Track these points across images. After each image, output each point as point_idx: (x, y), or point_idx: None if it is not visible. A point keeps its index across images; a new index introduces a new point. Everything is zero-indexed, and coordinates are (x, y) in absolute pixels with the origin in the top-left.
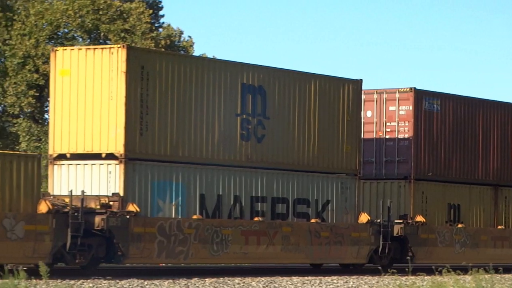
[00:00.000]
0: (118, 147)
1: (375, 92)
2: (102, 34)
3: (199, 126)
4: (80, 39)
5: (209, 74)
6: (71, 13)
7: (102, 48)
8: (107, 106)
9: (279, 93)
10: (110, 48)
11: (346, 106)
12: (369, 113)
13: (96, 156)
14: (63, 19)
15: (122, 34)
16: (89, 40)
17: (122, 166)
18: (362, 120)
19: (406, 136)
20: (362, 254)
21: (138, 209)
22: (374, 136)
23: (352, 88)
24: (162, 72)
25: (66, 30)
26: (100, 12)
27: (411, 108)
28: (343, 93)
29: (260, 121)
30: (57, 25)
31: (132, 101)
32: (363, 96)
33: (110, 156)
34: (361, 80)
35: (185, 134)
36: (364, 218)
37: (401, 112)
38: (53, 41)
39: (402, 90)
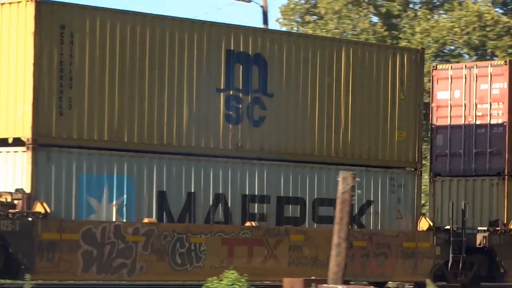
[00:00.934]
0: (25, 130)
1: (464, 67)
2: (489, 50)
3: (158, 104)
4: (467, 56)
5: (173, 36)
6: (457, 30)
7: (10, 3)
8: (14, 78)
9: (288, 64)
10: (19, 2)
11: (399, 82)
12: (457, 93)
13: (2, 142)
14: (449, 36)
15: (510, 50)
16: (475, 57)
17: (29, 154)
18: (449, 103)
19: (500, 121)
20: (422, 270)
21: (48, 210)
22: (463, 122)
23: (409, 59)
24: (96, 34)
25: (452, 47)
26: (487, 29)
27: (505, 85)
28: (393, 66)
29: (258, 99)
30: (443, 42)
31: (46, 70)
32: (449, 73)
33: (18, 142)
34: (423, 49)
35: (133, 114)
36: (424, 224)
37: (494, 91)
38: (439, 58)
39: (496, 63)
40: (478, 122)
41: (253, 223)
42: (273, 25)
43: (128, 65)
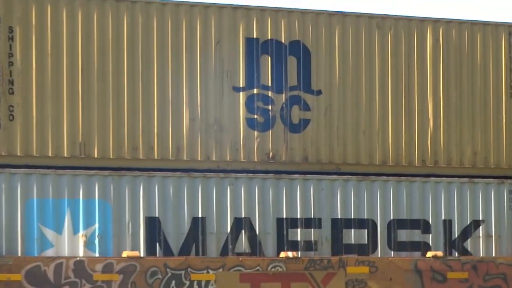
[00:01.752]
0: None
1: None
2: None
3: (143, 107)
4: None
5: (163, 22)
6: None
7: None
8: None
9: (344, 52)
10: None
11: None
12: None
13: None
14: None
15: None
16: None
17: None
18: None
19: None
20: None
21: None
22: None
23: None
24: (47, 26)
25: None
26: None
27: None
28: (510, 47)
29: (297, 98)
30: None
31: None
32: None
33: None
34: None
35: (107, 121)
36: None
37: None
38: None
39: None
40: None
41: (290, 253)
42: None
43: (97, 59)
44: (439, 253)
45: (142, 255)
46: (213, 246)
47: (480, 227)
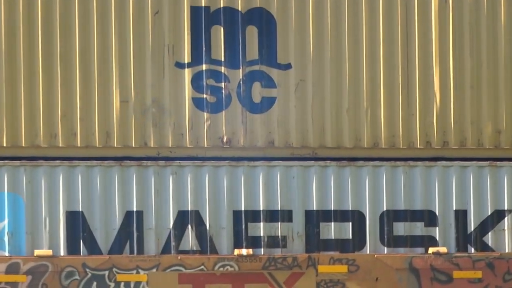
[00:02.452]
0: None
1: None
2: None
3: (66, 89)
4: None
5: None
6: None
7: None
8: None
9: (320, 17)
10: None
11: None
12: None
13: None
14: None
15: None
16: None
17: None
18: None
19: None
20: None
21: None
22: None
23: None
24: None
25: None
26: None
27: None
28: None
29: (259, 73)
30: None
31: None
32: None
33: None
34: None
35: (17, 106)
36: None
37: None
38: None
39: None
40: None
41: (244, 251)
42: None
43: (5, 34)
44: (443, 249)
45: (62, 254)
46: (151, 243)
47: (506, 218)
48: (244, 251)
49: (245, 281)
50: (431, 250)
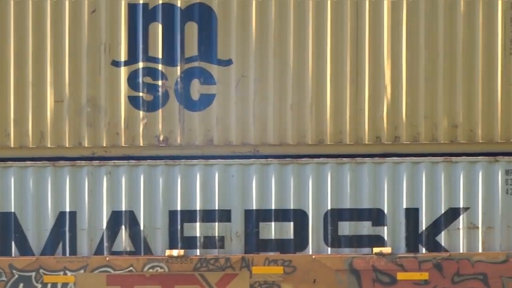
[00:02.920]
0: None
1: None
2: None
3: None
4: None
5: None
6: None
7: None
8: None
9: (263, 10)
10: None
11: None
12: None
13: None
14: None
15: None
16: None
17: None
18: None
19: None
20: None
21: None
22: None
23: None
24: None
25: None
26: None
27: None
28: None
29: (199, 70)
30: None
31: None
32: None
33: None
34: None
35: None
36: None
37: None
38: None
39: None
40: None
41: (175, 251)
42: None
43: None
44: (386, 249)
45: None
46: (84, 244)
47: (461, 216)
48: (175, 252)
49: (175, 282)
50: (375, 250)
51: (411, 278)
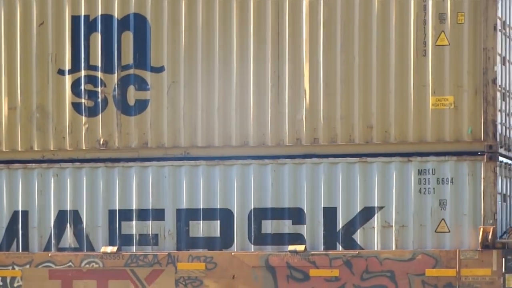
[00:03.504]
0: None
1: None
2: None
3: None
4: None
5: None
6: None
7: None
8: None
9: (191, 20)
10: None
11: (435, 20)
12: None
13: None
14: None
15: None
16: None
17: None
18: None
19: None
20: None
21: None
22: None
23: None
24: None
25: None
26: None
27: None
28: None
29: (134, 77)
30: None
31: None
32: None
33: None
34: None
35: None
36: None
37: None
38: None
39: None
40: None
41: (108, 248)
42: None
43: None
44: (300, 247)
45: None
46: (35, 241)
47: (376, 215)
48: (108, 249)
49: (109, 277)
50: (289, 248)
51: (322, 274)
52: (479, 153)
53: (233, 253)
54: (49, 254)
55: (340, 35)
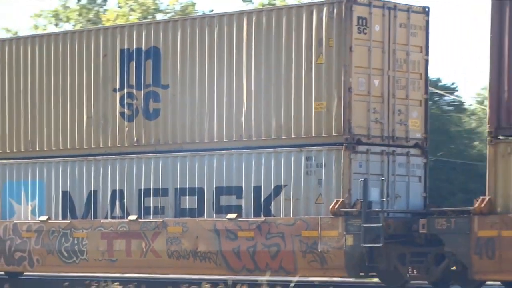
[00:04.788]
0: None
1: None
2: None
3: (62, 112)
4: None
5: (64, 49)
6: None
7: None
8: None
9: (183, 50)
10: None
11: (316, 44)
12: None
13: None
14: None
15: None
16: None
17: None
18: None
19: None
20: (333, 264)
21: None
22: None
23: (328, 14)
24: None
25: None
26: None
27: None
28: (308, 26)
29: (152, 93)
30: None
31: None
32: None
33: None
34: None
35: (42, 124)
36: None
37: None
38: None
39: None
40: None
41: (131, 218)
42: None
43: (31, 84)
44: (232, 215)
45: None
46: (100, 212)
47: (282, 191)
48: (132, 217)
49: (132, 237)
50: (229, 216)
51: (244, 235)
52: (340, 144)
53: (197, 220)
54: (101, 221)
55: (263, 61)
